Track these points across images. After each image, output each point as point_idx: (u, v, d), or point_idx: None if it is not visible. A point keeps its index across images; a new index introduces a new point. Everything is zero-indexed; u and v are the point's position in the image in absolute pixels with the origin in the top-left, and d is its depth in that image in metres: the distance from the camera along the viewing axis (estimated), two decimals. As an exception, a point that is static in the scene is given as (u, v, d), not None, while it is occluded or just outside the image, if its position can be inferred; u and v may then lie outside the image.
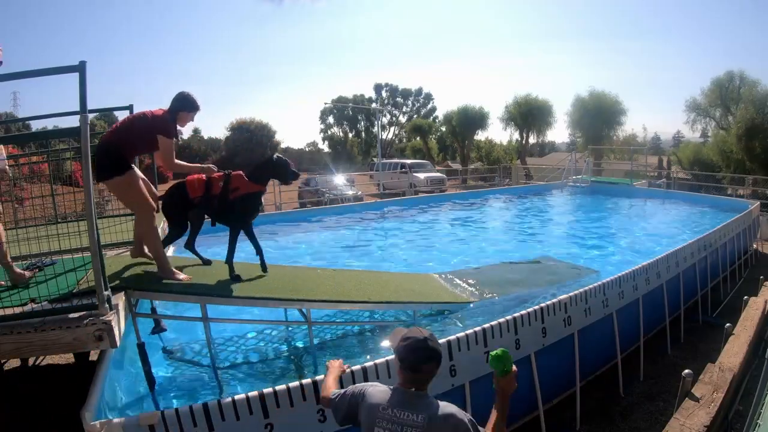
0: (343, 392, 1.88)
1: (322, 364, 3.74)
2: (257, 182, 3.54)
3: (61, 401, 3.26)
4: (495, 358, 1.75)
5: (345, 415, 1.84)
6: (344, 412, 1.83)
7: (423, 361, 1.72)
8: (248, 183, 3.49)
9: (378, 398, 1.74)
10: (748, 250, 8.67)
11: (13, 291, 2.62)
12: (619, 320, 4.30)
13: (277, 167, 3.57)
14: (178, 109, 3.22)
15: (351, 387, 1.89)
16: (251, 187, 3.50)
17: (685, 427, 2.76)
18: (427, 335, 1.77)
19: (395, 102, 48.35)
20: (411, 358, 1.72)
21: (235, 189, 3.45)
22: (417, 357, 1.72)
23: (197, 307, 3.28)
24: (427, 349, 1.73)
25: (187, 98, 3.24)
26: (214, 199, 3.43)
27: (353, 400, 1.81)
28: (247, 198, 3.50)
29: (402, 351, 1.75)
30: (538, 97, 27.10)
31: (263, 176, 3.58)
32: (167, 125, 3.12)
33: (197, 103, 3.29)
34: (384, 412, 1.68)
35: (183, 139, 52.37)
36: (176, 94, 3.25)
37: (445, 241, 8.63)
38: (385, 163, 22.98)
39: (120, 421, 2.02)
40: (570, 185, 15.61)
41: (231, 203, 3.45)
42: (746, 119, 17.97)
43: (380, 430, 1.66)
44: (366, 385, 1.84)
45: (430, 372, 1.75)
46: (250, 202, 3.54)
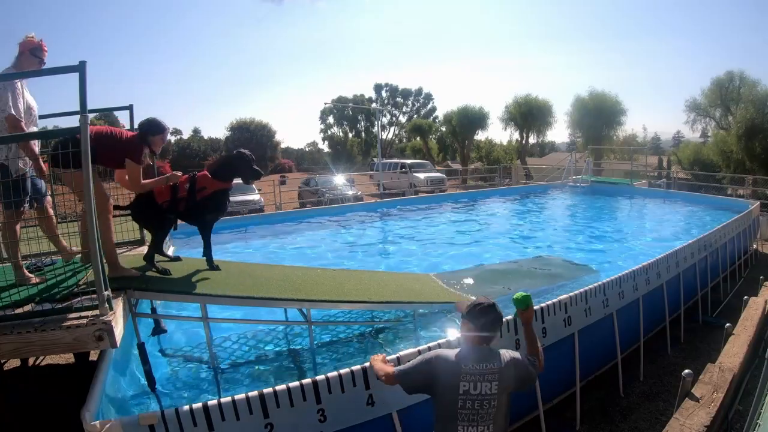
0: (413, 365, 2.13)
1: (322, 364, 3.74)
2: (222, 180, 3.56)
3: (61, 401, 3.26)
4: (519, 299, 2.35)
5: (420, 383, 2.10)
6: (418, 380, 2.09)
7: (495, 322, 2.12)
8: (213, 181, 3.52)
9: (456, 360, 2.02)
10: (748, 250, 8.66)
11: (13, 291, 2.62)
12: (619, 320, 4.30)
13: (238, 164, 3.58)
14: (147, 133, 3.29)
15: (419, 359, 2.14)
16: (217, 185, 3.53)
17: (685, 427, 2.76)
18: (492, 302, 2.16)
19: (395, 102, 48.37)
20: (485, 321, 2.09)
21: (201, 189, 3.49)
22: (489, 319, 2.10)
23: (197, 307, 3.28)
24: (496, 313, 2.14)
25: (152, 122, 3.32)
26: (182, 202, 3.47)
27: (428, 368, 2.05)
28: (213, 196, 3.53)
29: (477, 316, 2.10)
30: (538, 97, 27.14)
31: (227, 174, 3.59)
32: (136, 150, 3.18)
33: (163, 125, 3.36)
34: (466, 368, 1.99)
35: (183, 139, 52.40)
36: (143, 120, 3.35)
37: (445, 241, 8.63)
38: (385, 163, 22.97)
39: (120, 421, 2.02)
40: (570, 185, 15.61)
41: (198, 203, 3.48)
42: (746, 119, 17.97)
43: (465, 384, 1.97)
44: (436, 353, 2.10)
45: (497, 330, 2.15)
46: (216, 200, 3.57)
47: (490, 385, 1.98)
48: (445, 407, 1.99)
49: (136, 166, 3.17)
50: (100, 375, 2.42)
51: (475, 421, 1.97)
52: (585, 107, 24.68)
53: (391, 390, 2.61)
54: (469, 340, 2.10)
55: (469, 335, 2.10)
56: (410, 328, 4.19)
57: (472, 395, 1.96)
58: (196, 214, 3.55)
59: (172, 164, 38.59)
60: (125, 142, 3.17)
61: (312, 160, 53.02)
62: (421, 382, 2.08)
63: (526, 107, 26.88)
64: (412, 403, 2.70)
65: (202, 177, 3.53)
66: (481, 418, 1.97)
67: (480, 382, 1.97)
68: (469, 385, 1.96)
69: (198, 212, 3.53)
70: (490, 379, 1.98)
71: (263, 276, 3.91)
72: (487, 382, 1.98)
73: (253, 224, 10.08)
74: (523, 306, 2.36)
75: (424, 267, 6.46)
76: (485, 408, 1.97)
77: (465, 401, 1.96)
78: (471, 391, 1.96)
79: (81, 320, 2.30)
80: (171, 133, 52.79)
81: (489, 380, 1.98)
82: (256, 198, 15.61)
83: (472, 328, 2.09)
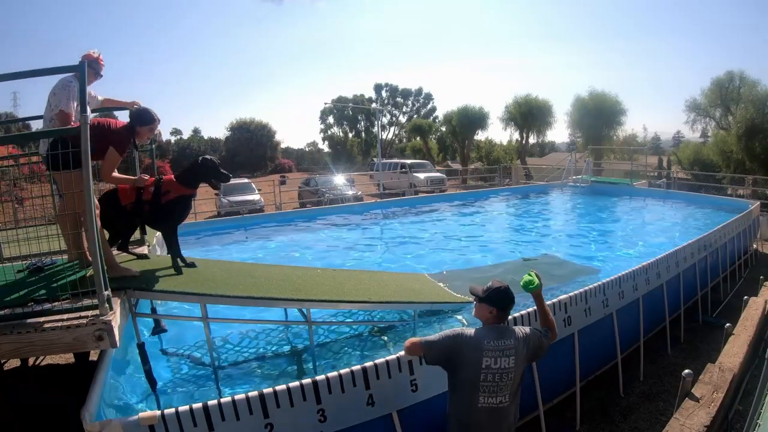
0: (439, 337, 2.35)
1: (322, 364, 3.74)
2: (187, 186, 3.55)
3: (61, 401, 3.26)
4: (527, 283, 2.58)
5: (444, 355, 2.31)
6: (443, 352, 2.30)
7: (510, 302, 2.39)
8: (178, 186, 3.52)
9: (479, 337, 2.27)
10: (748, 250, 8.66)
11: (13, 291, 2.62)
12: (619, 320, 4.30)
13: (202, 169, 3.57)
14: (135, 124, 3.26)
15: (444, 333, 2.37)
16: (181, 190, 3.53)
17: (685, 427, 2.76)
18: (506, 285, 2.40)
19: (395, 102, 48.36)
20: (502, 301, 2.35)
21: (166, 192, 3.48)
22: (507, 300, 2.37)
23: (197, 307, 3.28)
24: (510, 294, 2.39)
25: (141, 112, 3.30)
26: (146, 204, 3.46)
27: (454, 342, 2.28)
28: (177, 201, 3.52)
29: (495, 297, 2.36)
30: (538, 97, 27.08)
31: (192, 180, 3.58)
32: (122, 139, 3.16)
33: (154, 115, 3.33)
34: (488, 345, 2.23)
35: (182, 139, 52.38)
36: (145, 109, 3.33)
37: (445, 241, 8.63)
38: (385, 163, 22.97)
39: (120, 421, 2.02)
40: (570, 185, 15.60)
41: (162, 207, 3.48)
42: (746, 119, 17.96)
43: (487, 359, 2.21)
44: (460, 330, 2.35)
45: (510, 309, 2.42)
46: (180, 204, 3.57)
47: (509, 360, 2.22)
48: (469, 380, 2.22)
49: (117, 156, 3.13)
50: (100, 375, 2.42)
51: (495, 392, 2.21)
52: (585, 107, 24.66)
53: (391, 390, 2.62)
54: (488, 319, 2.36)
55: (487, 315, 2.36)
56: (410, 328, 4.19)
57: (493, 369, 2.20)
58: (159, 217, 3.54)
59: (172, 164, 38.60)
60: (113, 131, 3.14)
61: (312, 160, 53.00)
62: (445, 354, 2.30)
63: (526, 107, 26.86)
64: (413, 403, 2.71)
65: (168, 181, 3.54)
66: (500, 390, 2.22)
67: (500, 358, 2.21)
68: (490, 360, 2.20)
69: (161, 216, 3.52)
70: (508, 354, 2.23)
71: (263, 276, 3.91)
72: (506, 357, 2.22)
73: (253, 224, 10.08)
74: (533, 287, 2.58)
75: (424, 267, 6.46)
76: (504, 380, 2.22)
77: (486, 375, 2.20)
78: (492, 366, 2.20)
79: (81, 320, 2.30)
80: (171, 133, 53.00)
81: (507, 355, 2.22)
82: (256, 198, 15.63)
83: (490, 308, 2.34)
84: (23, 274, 3.14)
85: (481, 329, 2.34)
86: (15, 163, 6.24)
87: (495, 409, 2.23)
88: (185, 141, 51.85)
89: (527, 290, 2.61)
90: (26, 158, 6.55)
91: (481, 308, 2.40)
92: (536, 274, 2.64)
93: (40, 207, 5.60)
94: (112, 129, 3.16)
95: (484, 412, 2.23)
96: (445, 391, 2.83)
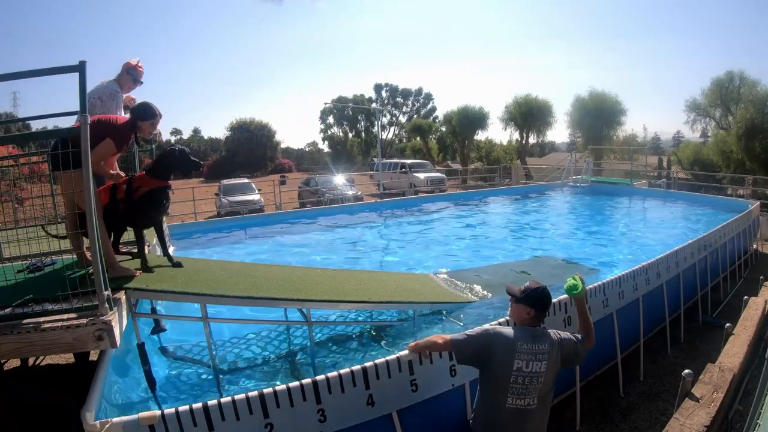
0: (473, 334, 2.32)
1: (322, 364, 3.74)
2: (158, 177, 3.49)
3: (61, 401, 3.26)
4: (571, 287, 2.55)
5: (476, 353, 2.27)
6: (476, 350, 2.27)
7: (548, 303, 2.37)
8: (149, 180, 3.47)
9: (513, 337, 2.22)
10: (748, 250, 8.66)
11: (13, 291, 2.62)
12: (619, 320, 4.30)
13: (170, 159, 3.52)
14: (136, 119, 3.24)
15: (478, 330, 2.37)
16: (153, 183, 3.48)
17: (685, 427, 2.76)
18: (543, 285, 2.37)
19: (395, 102, 48.35)
20: (540, 303, 2.33)
21: (137, 188, 3.43)
22: (545, 300, 2.35)
23: (197, 307, 3.28)
24: (548, 294, 2.37)
25: (143, 106, 3.28)
26: (121, 203, 3.41)
27: (487, 341, 2.25)
28: (150, 195, 3.46)
29: (534, 297, 2.32)
30: (538, 97, 27.12)
31: (162, 170, 3.51)
32: (122, 134, 3.15)
33: (156, 110, 3.31)
34: (521, 346, 2.18)
35: (182, 139, 52.39)
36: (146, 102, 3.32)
37: (445, 241, 8.63)
38: (385, 163, 22.97)
39: (120, 421, 2.02)
40: (570, 185, 15.60)
41: (135, 202, 3.42)
42: (746, 119, 17.97)
43: (519, 362, 2.17)
44: (495, 330, 2.32)
45: (545, 313, 2.38)
46: (153, 198, 3.49)
47: (540, 365, 2.19)
48: (498, 380, 2.20)
49: (111, 148, 3.08)
50: (100, 375, 2.42)
51: (523, 395, 2.19)
52: (585, 107, 24.67)
53: (391, 390, 2.62)
54: (525, 320, 2.33)
55: (524, 316, 2.32)
56: (410, 328, 4.19)
57: (524, 372, 2.16)
58: (134, 214, 3.48)
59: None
60: (114, 125, 3.12)
61: (312, 160, 52.97)
62: (477, 353, 2.27)
63: (526, 107, 26.87)
64: (413, 403, 2.70)
65: (139, 177, 3.50)
66: (529, 393, 2.19)
67: (532, 361, 2.17)
68: (522, 363, 2.16)
69: (135, 212, 3.46)
70: (541, 358, 2.19)
71: (263, 276, 3.91)
72: (538, 361, 2.18)
73: (253, 224, 10.08)
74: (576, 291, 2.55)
75: (424, 267, 6.46)
76: (534, 383, 2.18)
77: (517, 377, 2.16)
78: (524, 369, 2.16)
79: (81, 320, 2.30)
80: (171, 132, 53.07)
81: (540, 359, 2.19)
82: (256, 198, 15.64)
83: (528, 309, 2.31)
84: (23, 274, 3.14)
85: (517, 330, 2.30)
86: (15, 163, 6.24)
87: (521, 411, 2.22)
88: (185, 141, 51.89)
89: (570, 294, 2.59)
90: (26, 158, 6.57)
91: (518, 309, 2.37)
92: (581, 278, 2.60)
93: (40, 207, 5.60)
94: (113, 124, 3.15)
95: (511, 413, 2.22)
96: (445, 392, 2.84)
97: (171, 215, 11.21)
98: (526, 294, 2.34)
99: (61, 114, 3.88)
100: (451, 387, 2.90)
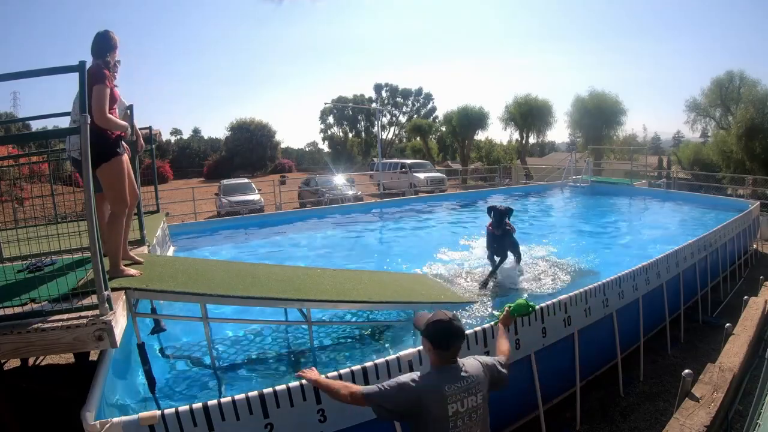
0: (391, 390, 1.95)
1: (323, 364, 3.74)
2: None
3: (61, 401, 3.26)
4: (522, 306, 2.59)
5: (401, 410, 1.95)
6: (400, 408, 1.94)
7: (453, 341, 2.00)
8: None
9: (436, 383, 1.94)
10: (748, 250, 8.66)
11: (13, 291, 2.62)
12: (619, 320, 4.30)
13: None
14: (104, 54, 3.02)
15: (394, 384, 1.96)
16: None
17: (685, 427, 2.76)
18: (450, 316, 2.04)
19: (395, 102, 48.28)
20: (441, 339, 1.99)
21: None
22: (447, 337, 1.99)
23: (197, 307, 3.28)
24: (454, 329, 2.00)
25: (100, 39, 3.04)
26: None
27: (411, 397, 1.92)
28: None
29: (432, 333, 2.00)
30: (538, 97, 27.16)
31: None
32: (100, 71, 2.93)
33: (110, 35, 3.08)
34: (449, 390, 1.93)
35: (183, 139, 52.34)
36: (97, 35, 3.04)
37: (445, 242, 8.62)
38: (385, 163, 22.97)
39: (120, 421, 2.02)
40: (570, 185, 15.60)
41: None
42: (746, 119, 17.99)
43: (453, 406, 1.92)
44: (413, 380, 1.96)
45: (458, 348, 2.04)
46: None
47: (476, 398, 1.98)
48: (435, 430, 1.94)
49: (104, 89, 2.89)
50: (100, 375, 2.42)
51: None
52: (585, 107, 24.69)
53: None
54: (433, 360, 2.03)
55: (434, 356, 2.02)
56: (410, 328, 4.19)
57: (462, 413, 1.94)
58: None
59: (171, 164, 38.56)
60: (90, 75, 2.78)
61: (312, 160, 52.93)
62: (401, 413, 1.98)
63: (526, 107, 26.88)
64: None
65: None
66: (471, 429, 1.99)
67: (466, 398, 1.95)
68: (456, 404, 1.93)
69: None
70: (474, 391, 1.98)
71: (263, 276, 3.91)
72: (473, 395, 1.97)
73: (253, 224, 10.08)
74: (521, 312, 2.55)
75: (424, 267, 6.45)
76: (474, 418, 1.98)
77: (456, 421, 1.94)
78: (460, 410, 1.94)
79: (81, 320, 2.30)
80: (171, 133, 52.96)
81: (473, 392, 1.98)
82: (256, 198, 15.63)
83: (435, 349, 2.00)
84: (23, 274, 3.14)
85: (435, 373, 2.00)
86: (15, 163, 6.24)
87: None
88: (185, 141, 51.81)
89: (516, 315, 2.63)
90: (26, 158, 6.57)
91: (424, 344, 2.07)
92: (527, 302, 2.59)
93: (40, 207, 5.60)
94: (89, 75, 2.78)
95: None
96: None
97: (171, 215, 11.21)
98: (427, 328, 2.03)
99: (61, 114, 3.89)
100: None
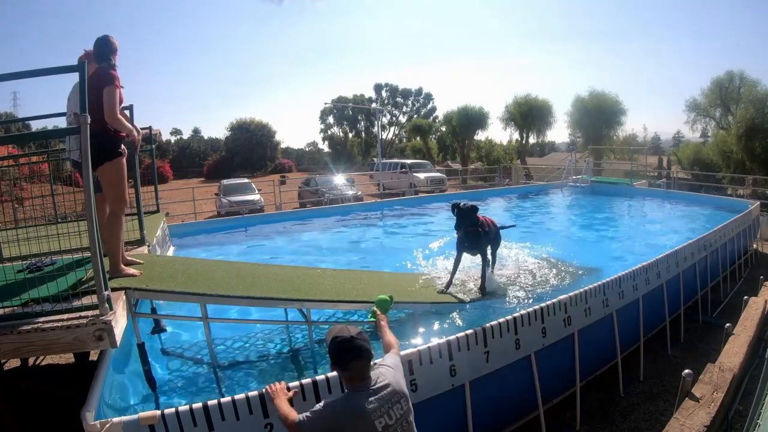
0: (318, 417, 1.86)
1: (323, 364, 3.74)
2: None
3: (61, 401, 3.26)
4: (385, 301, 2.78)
5: None
6: None
7: (351, 359, 1.88)
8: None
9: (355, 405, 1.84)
10: (748, 250, 8.66)
11: (13, 291, 2.62)
12: (619, 320, 4.30)
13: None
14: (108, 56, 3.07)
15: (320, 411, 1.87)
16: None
17: (685, 427, 2.76)
18: (354, 334, 1.92)
19: (395, 102, 48.28)
20: (339, 357, 1.89)
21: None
22: (345, 355, 1.88)
23: (197, 307, 3.28)
24: (354, 348, 1.88)
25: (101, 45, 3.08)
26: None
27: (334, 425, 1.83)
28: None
29: (331, 349, 1.91)
30: (538, 97, 27.18)
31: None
32: (110, 73, 2.99)
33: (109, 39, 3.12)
34: (371, 407, 1.83)
35: (183, 139, 52.36)
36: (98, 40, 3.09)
37: (445, 242, 8.62)
38: (385, 163, 22.97)
39: (120, 421, 2.02)
40: (570, 185, 15.59)
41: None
42: (746, 119, 17.99)
43: (381, 420, 1.83)
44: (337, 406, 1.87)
45: (361, 368, 1.90)
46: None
47: (400, 405, 1.93)
48: None
49: (114, 89, 2.95)
50: (100, 375, 2.42)
51: None
52: (585, 107, 24.70)
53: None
54: (346, 381, 1.96)
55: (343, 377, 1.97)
56: (410, 328, 4.19)
57: (392, 425, 1.88)
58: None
59: (171, 164, 38.54)
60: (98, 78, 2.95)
61: (312, 160, 52.94)
62: None
63: (526, 107, 26.90)
64: (413, 403, 2.70)
65: None
66: None
67: (391, 409, 1.89)
68: (384, 418, 1.86)
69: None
70: (397, 398, 1.93)
71: (263, 276, 3.91)
72: (397, 403, 1.92)
73: (253, 224, 10.07)
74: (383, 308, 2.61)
75: (424, 267, 6.45)
76: (404, 426, 1.93)
77: None
78: (389, 422, 1.87)
79: (81, 320, 2.30)
80: (171, 133, 53.00)
81: (396, 400, 1.92)
82: (256, 198, 15.63)
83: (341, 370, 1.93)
84: (23, 274, 3.14)
85: (351, 394, 1.92)
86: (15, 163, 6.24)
87: None
88: (185, 141, 51.82)
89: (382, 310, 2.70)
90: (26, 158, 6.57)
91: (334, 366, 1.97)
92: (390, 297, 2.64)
93: (40, 207, 5.60)
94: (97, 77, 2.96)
95: None
96: (445, 391, 2.84)
97: (171, 215, 11.21)
98: (330, 348, 1.94)
99: (61, 114, 3.89)
100: (451, 387, 2.90)
